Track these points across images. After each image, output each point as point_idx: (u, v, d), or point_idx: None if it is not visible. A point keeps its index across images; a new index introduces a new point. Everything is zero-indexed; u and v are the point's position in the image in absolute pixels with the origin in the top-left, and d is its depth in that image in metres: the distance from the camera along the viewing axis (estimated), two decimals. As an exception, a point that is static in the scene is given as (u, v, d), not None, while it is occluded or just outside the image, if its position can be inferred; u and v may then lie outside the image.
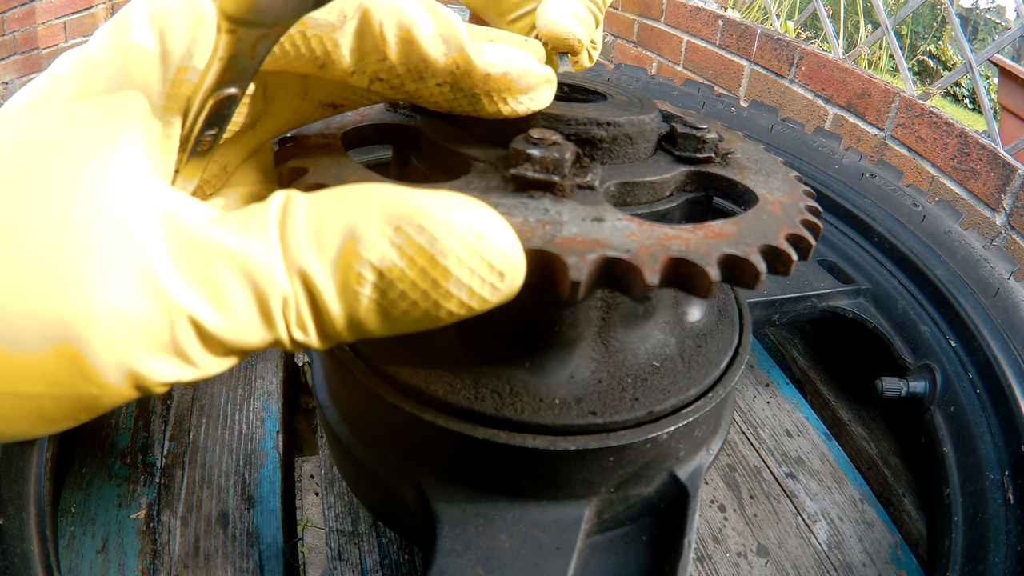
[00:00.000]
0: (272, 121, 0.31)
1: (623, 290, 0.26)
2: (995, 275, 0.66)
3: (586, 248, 0.26)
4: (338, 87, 0.32)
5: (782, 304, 0.67)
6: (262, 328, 0.20)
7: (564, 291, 0.25)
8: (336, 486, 0.58)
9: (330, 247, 0.20)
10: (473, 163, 0.34)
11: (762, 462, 0.66)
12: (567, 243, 0.26)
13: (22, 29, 2.40)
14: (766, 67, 1.56)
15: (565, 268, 0.25)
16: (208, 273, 0.19)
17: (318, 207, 0.21)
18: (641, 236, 0.27)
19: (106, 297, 0.17)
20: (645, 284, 0.25)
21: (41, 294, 0.17)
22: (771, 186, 0.37)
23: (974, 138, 1.11)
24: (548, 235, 0.27)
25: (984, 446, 0.58)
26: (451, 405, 0.36)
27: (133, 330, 0.18)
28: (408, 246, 0.20)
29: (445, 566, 0.34)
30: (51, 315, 0.17)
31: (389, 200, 0.21)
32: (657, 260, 0.26)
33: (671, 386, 0.38)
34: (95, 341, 0.17)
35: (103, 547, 0.52)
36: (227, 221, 0.20)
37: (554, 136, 0.32)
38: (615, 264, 0.26)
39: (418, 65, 0.28)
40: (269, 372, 0.69)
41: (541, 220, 0.28)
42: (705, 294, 0.26)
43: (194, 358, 0.19)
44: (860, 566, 0.57)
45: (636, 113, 0.37)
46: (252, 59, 0.22)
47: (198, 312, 0.19)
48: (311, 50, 0.26)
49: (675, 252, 0.27)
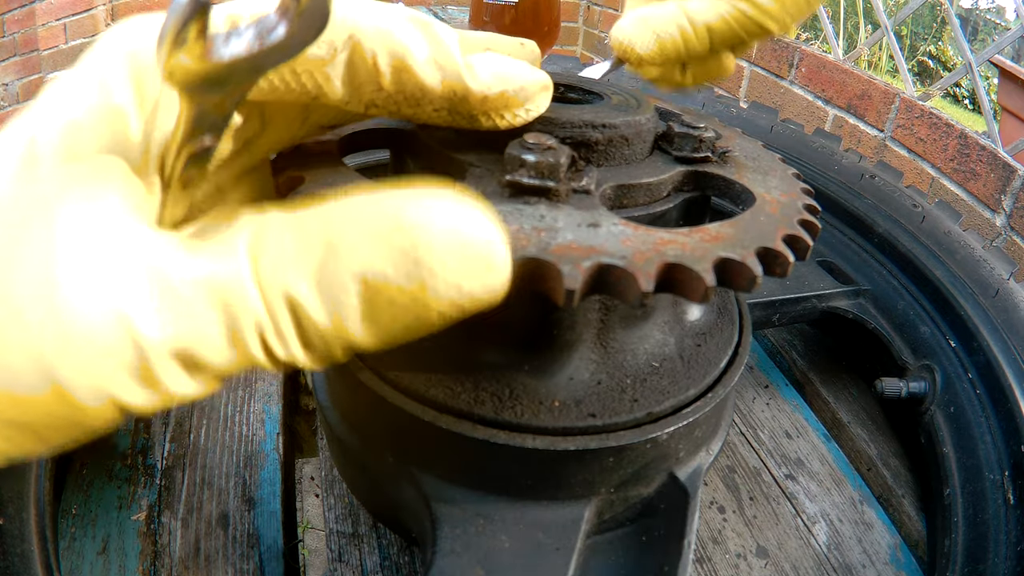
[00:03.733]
0: (268, 142, 0.31)
1: (618, 296, 0.26)
2: (995, 275, 0.66)
3: (581, 255, 0.26)
4: (338, 112, 0.32)
5: (782, 305, 0.67)
6: (233, 351, 0.20)
7: (559, 300, 0.25)
8: (336, 488, 0.58)
9: (309, 261, 0.20)
10: (469, 168, 0.34)
11: (761, 463, 0.66)
12: (562, 250, 0.26)
13: (22, 31, 2.40)
14: (766, 68, 1.56)
15: (559, 276, 0.25)
16: (178, 302, 0.19)
17: (294, 222, 0.21)
18: (636, 241, 0.28)
19: (83, 331, 0.18)
20: (640, 291, 0.25)
21: (32, 339, 0.18)
22: (769, 184, 0.37)
23: (974, 139, 1.11)
24: (543, 243, 0.27)
25: (984, 446, 0.58)
26: (451, 408, 0.36)
27: (108, 361, 0.19)
28: (389, 250, 0.20)
29: (445, 567, 0.34)
30: (39, 357, 0.18)
31: (366, 206, 0.21)
32: (652, 266, 0.26)
33: (670, 386, 0.38)
34: (74, 374, 0.18)
35: (104, 548, 0.52)
36: (201, 249, 0.20)
37: (549, 140, 0.32)
38: (609, 271, 0.26)
39: (414, 93, 0.28)
40: (269, 373, 0.69)
41: (536, 227, 0.28)
42: (700, 299, 0.26)
43: (169, 384, 0.20)
44: (860, 567, 0.57)
45: (632, 114, 0.37)
46: (220, 114, 0.22)
47: (169, 341, 0.19)
48: (302, 85, 0.26)
49: (670, 257, 0.27)
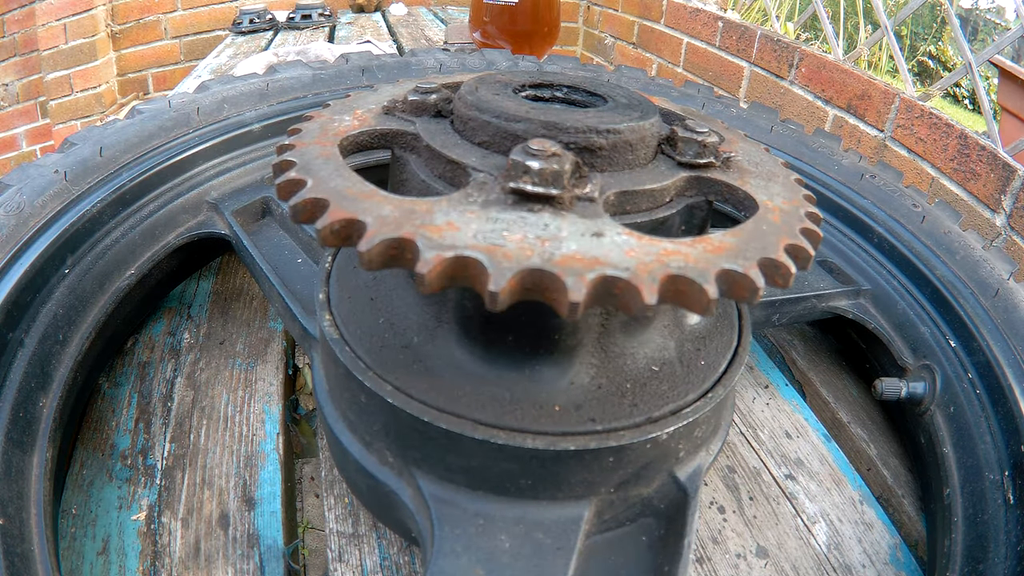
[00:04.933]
0: None
1: (622, 308, 0.26)
2: (995, 275, 0.66)
3: (585, 267, 0.26)
4: None
5: (782, 305, 0.67)
6: None
7: (563, 311, 0.25)
8: (336, 488, 0.58)
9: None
10: (472, 172, 0.34)
11: (761, 463, 0.66)
12: (566, 261, 0.26)
13: (22, 31, 2.40)
14: (766, 68, 1.56)
15: (564, 288, 0.25)
16: None
17: None
18: (640, 252, 0.28)
19: None
20: (643, 303, 0.25)
21: None
22: (772, 191, 0.37)
23: (974, 139, 1.11)
24: (547, 253, 0.27)
25: (984, 446, 0.58)
26: (451, 410, 0.36)
27: None
28: None
29: (445, 566, 0.34)
30: None
31: None
32: (655, 279, 0.26)
33: (670, 391, 0.38)
34: None
35: (104, 548, 0.52)
36: None
37: (553, 147, 0.32)
38: (614, 283, 0.26)
39: None
40: (269, 374, 0.70)
41: (540, 236, 0.28)
42: (704, 311, 0.26)
43: None
44: (860, 567, 0.57)
45: (636, 119, 0.37)
46: None
47: None
48: None
49: (674, 269, 0.27)
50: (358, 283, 0.44)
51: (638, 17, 2.13)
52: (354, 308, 0.43)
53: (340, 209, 0.30)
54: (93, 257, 0.62)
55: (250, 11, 2.41)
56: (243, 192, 0.74)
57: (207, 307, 0.79)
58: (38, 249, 0.56)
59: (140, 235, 0.67)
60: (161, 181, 0.69)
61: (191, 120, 0.74)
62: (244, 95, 0.79)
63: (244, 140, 0.76)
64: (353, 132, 0.39)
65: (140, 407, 0.64)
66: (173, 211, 0.70)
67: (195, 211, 0.71)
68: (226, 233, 0.69)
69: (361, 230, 0.29)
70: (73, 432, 0.60)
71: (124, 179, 0.66)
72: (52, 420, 0.51)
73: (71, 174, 0.63)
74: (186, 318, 0.77)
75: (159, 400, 0.65)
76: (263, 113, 0.78)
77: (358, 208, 0.30)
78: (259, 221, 0.73)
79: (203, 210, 0.72)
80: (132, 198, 0.66)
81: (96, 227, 0.63)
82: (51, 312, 0.56)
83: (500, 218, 0.29)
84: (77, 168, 0.64)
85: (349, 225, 0.30)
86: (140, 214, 0.67)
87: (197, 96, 0.78)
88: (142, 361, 0.70)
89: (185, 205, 0.71)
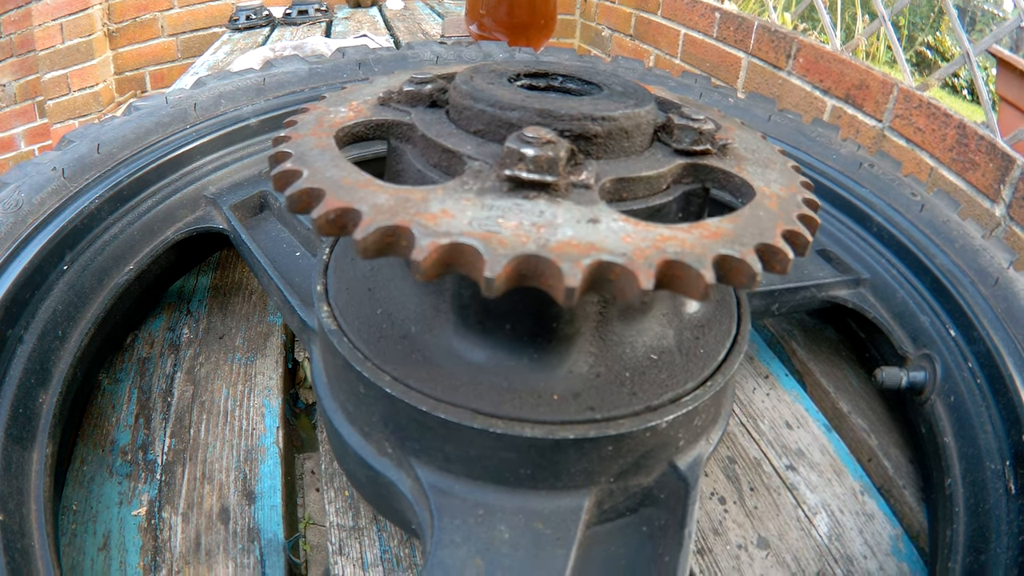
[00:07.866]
0: None
1: (619, 294, 0.26)
2: (994, 264, 0.66)
3: (580, 252, 0.26)
4: None
5: (781, 294, 0.67)
6: None
7: (559, 297, 0.25)
8: (336, 481, 0.58)
9: None
10: (468, 161, 0.34)
11: (762, 454, 0.66)
12: (561, 247, 0.26)
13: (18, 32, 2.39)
14: (763, 59, 1.55)
15: (559, 274, 0.25)
16: None
17: None
18: (636, 238, 0.27)
19: None
20: (640, 288, 0.25)
21: None
22: (768, 178, 0.37)
23: (973, 129, 1.11)
24: (543, 239, 0.27)
25: (985, 436, 0.58)
26: (449, 400, 0.36)
27: None
28: None
29: (444, 557, 0.34)
30: None
31: None
32: (652, 264, 0.26)
33: (669, 380, 0.38)
34: None
35: (104, 544, 0.52)
36: None
37: (548, 134, 0.32)
38: (610, 269, 0.26)
39: None
40: (269, 368, 0.69)
41: (536, 223, 0.28)
42: (701, 297, 0.26)
43: None
44: (861, 558, 0.57)
45: (632, 106, 0.37)
46: None
47: None
48: None
49: (670, 255, 0.26)
50: (356, 274, 0.44)
51: (635, 8, 2.12)
52: (352, 299, 0.43)
53: (335, 198, 0.30)
54: (92, 253, 0.62)
55: (246, 8, 2.41)
56: (241, 187, 0.74)
57: (206, 302, 0.79)
58: (37, 246, 0.56)
59: (138, 231, 0.67)
60: (159, 177, 0.69)
61: (188, 116, 0.73)
62: (241, 90, 0.79)
63: (241, 135, 0.76)
64: (349, 123, 0.38)
65: (140, 403, 0.64)
66: (171, 207, 0.70)
67: (193, 206, 0.71)
68: (224, 228, 0.69)
69: (356, 219, 0.29)
70: (73, 428, 0.60)
71: (122, 175, 0.65)
72: (52, 416, 0.51)
73: (69, 171, 0.63)
74: (185, 313, 0.77)
75: (159, 395, 0.65)
76: (260, 108, 0.78)
77: (353, 197, 0.30)
78: (257, 215, 0.73)
79: (201, 205, 0.72)
80: (130, 194, 0.66)
81: (94, 223, 0.63)
82: (50, 308, 0.56)
83: (495, 205, 0.29)
84: (75, 165, 0.64)
85: (344, 214, 0.30)
86: (138, 210, 0.67)
87: (194, 92, 0.77)
88: (142, 356, 0.70)
89: (183, 200, 0.71)
